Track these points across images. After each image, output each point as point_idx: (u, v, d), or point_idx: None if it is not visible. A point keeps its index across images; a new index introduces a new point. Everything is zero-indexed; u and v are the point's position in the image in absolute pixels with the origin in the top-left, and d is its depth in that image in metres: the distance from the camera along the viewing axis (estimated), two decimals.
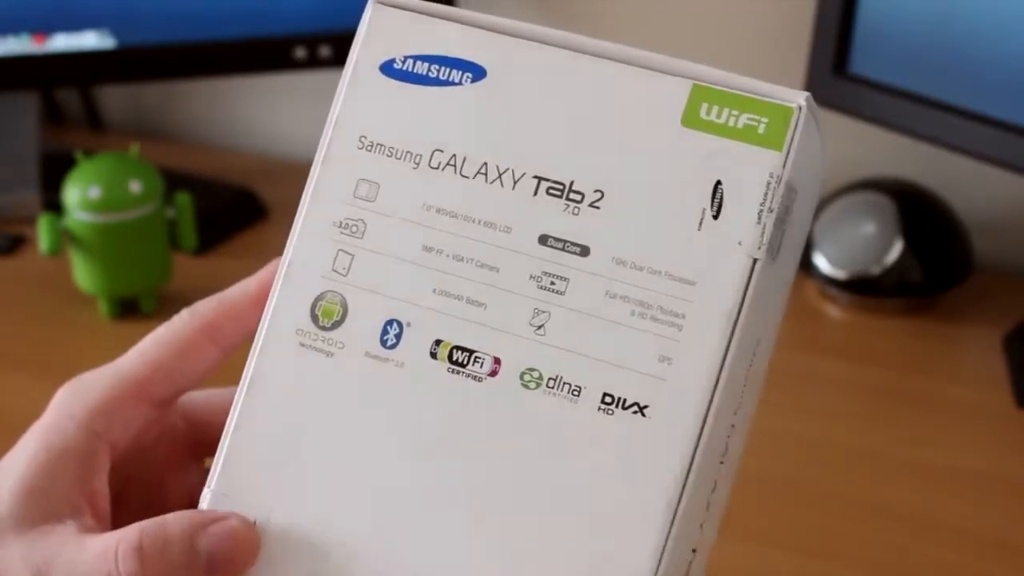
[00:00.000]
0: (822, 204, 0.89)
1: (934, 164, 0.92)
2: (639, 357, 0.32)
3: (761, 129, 0.32)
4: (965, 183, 0.93)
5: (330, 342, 0.34)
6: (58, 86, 1.10)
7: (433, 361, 0.33)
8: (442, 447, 0.33)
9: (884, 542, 0.65)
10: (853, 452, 0.72)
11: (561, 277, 0.33)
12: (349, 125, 0.35)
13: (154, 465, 0.40)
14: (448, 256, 0.34)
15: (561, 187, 0.33)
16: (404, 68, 0.35)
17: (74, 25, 0.91)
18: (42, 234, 0.80)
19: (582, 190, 0.33)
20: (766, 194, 0.32)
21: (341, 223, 0.35)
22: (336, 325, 0.34)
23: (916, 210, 0.87)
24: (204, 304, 0.37)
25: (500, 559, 0.32)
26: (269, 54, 0.95)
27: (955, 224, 0.88)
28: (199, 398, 0.40)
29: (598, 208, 0.33)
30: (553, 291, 0.33)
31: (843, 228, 0.87)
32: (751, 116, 0.33)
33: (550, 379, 0.33)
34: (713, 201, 0.32)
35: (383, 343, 0.34)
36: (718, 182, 0.32)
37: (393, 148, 0.35)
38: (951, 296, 0.87)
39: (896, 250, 0.85)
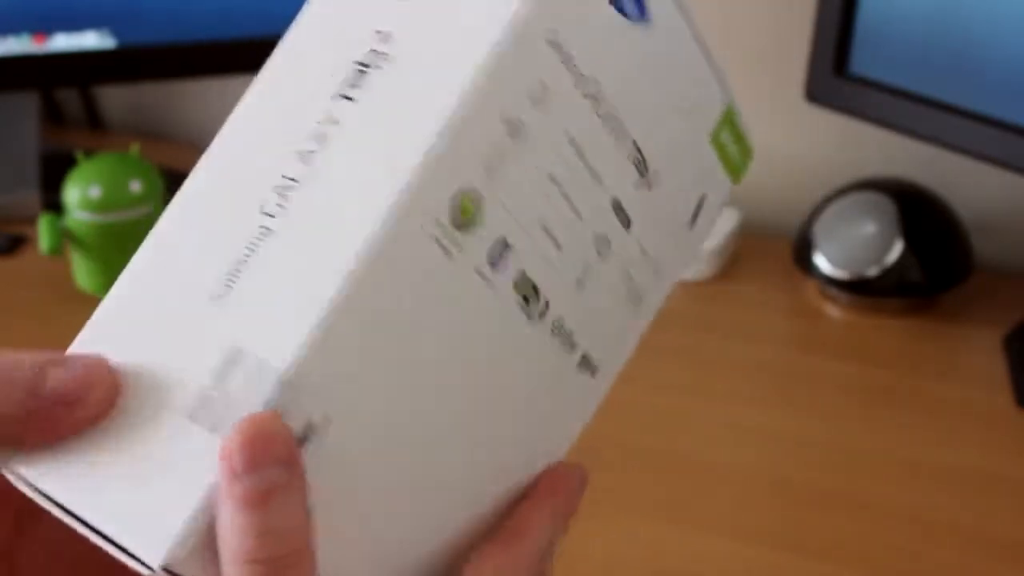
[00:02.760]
0: (822, 204, 0.89)
1: (934, 164, 0.92)
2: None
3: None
4: (965, 183, 0.93)
5: (455, 242, 0.29)
6: (58, 86, 1.10)
7: (512, 292, 0.31)
8: (482, 375, 0.32)
9: (884, 542, 0.65)
10: (853, 452, 0.73)
11: (608, 243, 0.33)
12: (542, 15, 0.30)
13: None
14: (561, 192, 0.32)
15: (642, 160, 0.33)
16: None
17: (74, 25, 0.91)
18: (42, 234, 0.80)
19: (650, 168, 0.34)
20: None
21: (508, 120, 0.30)
22: (465, 225, 0.30)
23: (916, 210, 0.87)
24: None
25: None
26: (269, 54, 0.95)
27: (955, 224, 0.88)
28: None
29: (649, 189, 0.34)
30: (600, 255, 0.33)
31: (843, 228, 0.87)
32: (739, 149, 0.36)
33: (568, 332, 0.34)
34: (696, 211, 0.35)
35: (489, 260, 0.31)
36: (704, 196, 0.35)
37: (571, 57, 0.30)
38: (951, 296, 0.87)
39: (896, 250, 0.85)
